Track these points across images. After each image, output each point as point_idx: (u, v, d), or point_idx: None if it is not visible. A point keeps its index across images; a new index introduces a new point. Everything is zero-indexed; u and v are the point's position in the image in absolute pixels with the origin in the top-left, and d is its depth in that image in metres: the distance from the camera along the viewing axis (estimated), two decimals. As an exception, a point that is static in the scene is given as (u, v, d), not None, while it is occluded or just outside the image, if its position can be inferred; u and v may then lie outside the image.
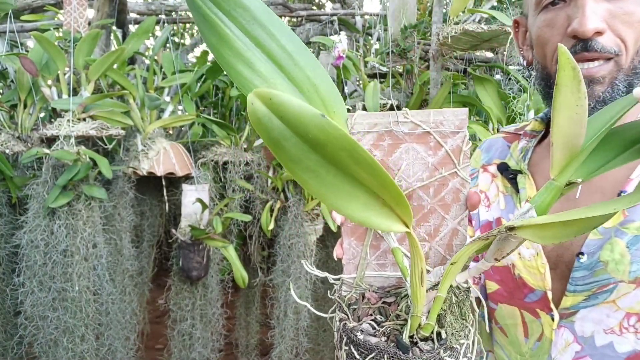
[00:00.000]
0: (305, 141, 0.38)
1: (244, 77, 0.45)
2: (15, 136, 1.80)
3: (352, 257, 0.55)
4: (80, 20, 1.98)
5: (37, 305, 1.60)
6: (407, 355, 0.47)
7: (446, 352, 0.48)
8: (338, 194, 0.41)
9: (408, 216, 0.43)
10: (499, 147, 0.85)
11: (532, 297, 0.72)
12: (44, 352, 1.63)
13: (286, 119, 0.37)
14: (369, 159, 0.39)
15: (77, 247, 1.59)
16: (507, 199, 0.78)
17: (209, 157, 2.05)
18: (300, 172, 0.40)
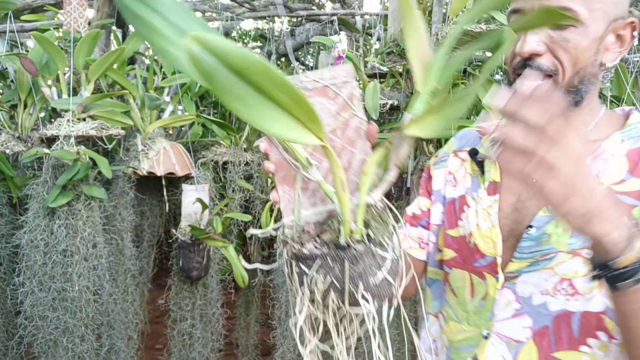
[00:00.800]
0: (231, 70, 0.46)
1: (171, 52, 0.54)
2: (15, 136, 1.80)
3: (288, 203, 0.64)
4: (80, 20, 1.98)
5: (37, 305, 1.60)
6: (346, 252, 0.56)
7: (377, 247, 0.57)
8: (264, 118, 0.49)
9: (321, 132, 0.53)
10: (472, 138, 0.97)
11: (482, 262, 0.84)
12: (43, 352, 1.63)
13: (215, 53, 0.44)
14: (282, 79, 0.47)
15: (77, 247, 1.59)
16: (474, 180, 0.91)
17: (209, 157, 2.05)
18: (232, 100, 0.47)
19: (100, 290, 1.69)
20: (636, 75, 2.08)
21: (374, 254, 0.57)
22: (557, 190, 0.56)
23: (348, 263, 0.56)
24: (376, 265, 0.57)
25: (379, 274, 0.57)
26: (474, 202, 0.88)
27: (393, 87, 2.28)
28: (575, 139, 0.56)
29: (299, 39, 3.83)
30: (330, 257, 0.57)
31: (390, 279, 0.58)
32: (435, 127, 0.57)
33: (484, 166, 0.89)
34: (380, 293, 0.57)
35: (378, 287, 0.57)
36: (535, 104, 0.55)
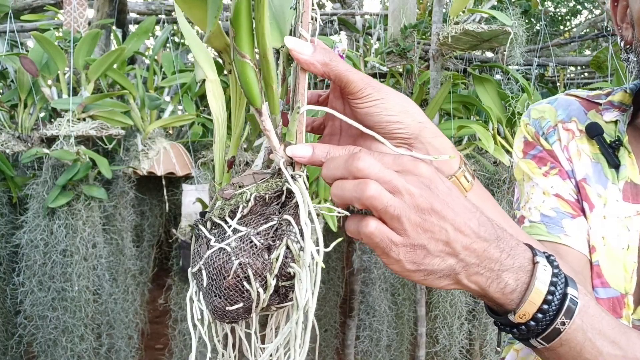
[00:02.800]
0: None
1: None
2: (15, 136, 1.80)
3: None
4: (80, 20, 1.98)
5: (36, 305, 1.61)
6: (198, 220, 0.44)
7: (205, 225, 0.43)
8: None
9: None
10: (576, 109, 0.73)
11: (601, 293, 0.61)
12: (42, 352, 1.63)
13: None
14: None
15: (77, 247, 1.59)
16: (596, 166, 0.67)
17: (209, 157, 2.05)
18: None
19: (100, 290, 1.69)
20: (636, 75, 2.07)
21: (202, 236, 0.43)
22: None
23: (194, 237, 0.45)
24: (196, 251, 0.43)
25: (197, 263, 0.42)
26: (601, 202, 0.65)
27: (393, 87, 2.29)
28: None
29: (299, 39, 3.82)
30: (195, 224, 0.46)
31: (205, 278, 0.41)
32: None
33: (616, 156, 0.65)
34: (207, 296, 0.42)
35: (198, 280, 0.42)
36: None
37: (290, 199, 0.43)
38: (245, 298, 0.40)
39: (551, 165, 0.71)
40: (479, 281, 0.42)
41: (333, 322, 2.32)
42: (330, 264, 2.27)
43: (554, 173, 0.70)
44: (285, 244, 0.41)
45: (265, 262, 0.40)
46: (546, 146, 0.72)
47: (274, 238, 0.41)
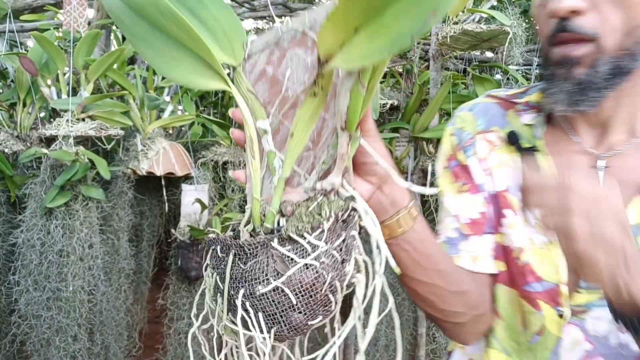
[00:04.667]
0: (133, 10, 0.44)
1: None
2: (14, 135, 1.80)
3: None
4: (80, 20, 1.98)
5: (31, 304, 1.61)
6: (235, 241, 0.43)
7: (282, 243, 0.41)
8: (167, 60, 0.45)
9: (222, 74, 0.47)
10: (495, 114, 0.76)
11: (537, 288, 0.67)
12: (35, 351, 1.63)
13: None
14: (168, 8, 0.42)
15: (73, 247, 1.59)
16: (516, 175, 0.71)
17: (209, 157, 2.05)
18: (139, 44, 0.45)
19: (95, 291, 1.69)
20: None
21: (273, 254, 0.41)
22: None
23: (232, 255, 0.43)
24: (272, 269, 0.41)
25: (271, 282, 0.40)
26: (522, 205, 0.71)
27: (393, 87, 2.28)
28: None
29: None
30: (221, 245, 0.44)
31: (292, 297, 0.40)
32: (364, 55, 0.36)
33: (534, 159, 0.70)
34: (274, 314, 0.41)
35: (266, 300, 0.41)
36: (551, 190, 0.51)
37: (349, 216, 0.45)
38: (325, 311, 0.43)
39: (463, 182, 0.75)
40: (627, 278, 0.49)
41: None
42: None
43: (465, 189, 0.75)
44: (354, 257, 0.44)
45: (342, 275, 0.42)
46: (462, 161, 0.76)
47: (346, 252, 0.43)
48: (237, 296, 0.41)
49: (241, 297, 0.41)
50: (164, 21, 0.43)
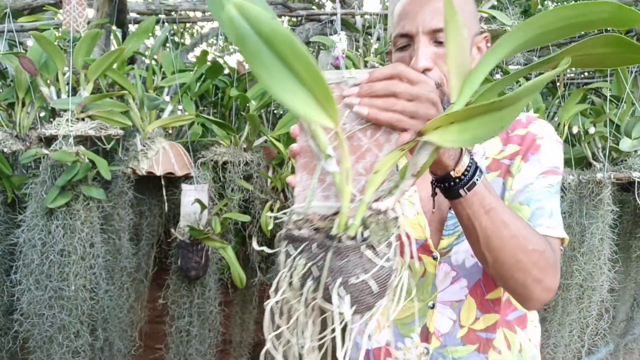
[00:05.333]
0: (261, 37, 0.50)
1: (220, 16, 0.58)
2: (13, 135, 1.79)
3: (302, 189, 0.65)
4: (79, 20, 1.98)
5: (33, 303, 1.61)
6: (332, 242, 0.56)
7: (367, 249, 0.57)
8: (284, 90, 0.53)
9: (335, 115, 0.56)
10: None
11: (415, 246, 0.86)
12: (38, 347, 1.64)
13: (249, 19, 0.49)
14: (303, 53, 0.50)
15: (75, 247, 1.59)
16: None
17: (209, 156, 2.05)
18: (258, 67, 0.51)
19: (97, 289, 1.70)
20: (636, 75, 2.07)
21: (362, 255, 0.56)
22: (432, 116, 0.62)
23: (331, 253, 0.56)
24: (361, 267, 0.56)
25: (360, 276, 0.56)
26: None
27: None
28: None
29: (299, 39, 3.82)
30: (317, 243, 0.57)
31: (374, 286, 0.56)
32: (457, 137, 0.56)
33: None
34: (358, 297, 0.56)
35: (359, 290, 0.56)
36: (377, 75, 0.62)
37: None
38: (383, 296, 0.59)
39: None
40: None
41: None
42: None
43: None
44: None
45: (394, 271, 0.60)
46: None
47: (394, 254, 0.60)
48: (334, 283, 0.55)
49: (338, 285, 0.55)
50: (293, 60, 0.51)
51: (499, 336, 0.95)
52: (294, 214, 0.63)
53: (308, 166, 0.64)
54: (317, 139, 0.61)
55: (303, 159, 0.65)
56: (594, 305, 1.96)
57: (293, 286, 0.57)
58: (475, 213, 0.74)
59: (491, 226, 0.75)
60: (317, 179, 0.63)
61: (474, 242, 0.79)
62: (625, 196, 2.08)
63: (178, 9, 3.13)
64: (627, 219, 2.12)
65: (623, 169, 1.87)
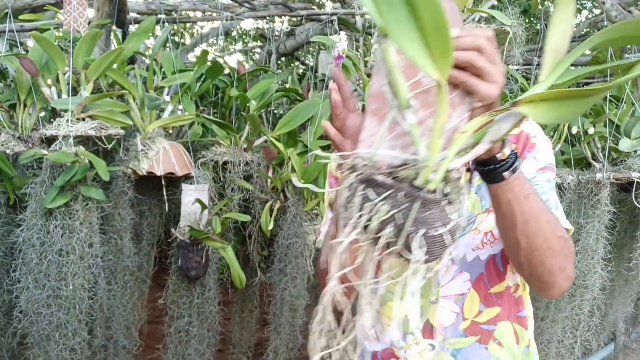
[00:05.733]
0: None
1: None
2: (15, 136, 1.80)
3: (370, 135, 0.65)
4: (80, 20, 1.98)
5: (31, 302, 1.61)
6: (419, 193, 0.58)
7: (448, 205, 0.59)
8: (402, 34, 0.54)
9: (445, 71, 0.56)
10: None
11: None
12: (36, 344, 1.65)
13: None
14: (437, 2, 0.50)
15: (73, 246, 1.59)
16: None
17: (209, 157, 2.05)
18: (382, 3, 0.52)
19: (95, 288, 1.70)
20: (636, 76, 2.07)
21: (442, 209, 0.59)
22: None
23: (418, 204, 0.57)
24: (441, 220, 0.58)
25: (439, 229, 0.58)
26: None
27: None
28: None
29: (299, 39, 3.83)
30: (403, 191, 0.58)
31: (448, 240, 0.59)
32: (547, 114, 0.59)
33: None
34: (433, 248, 0.59)
35: (434, 241, 0.58)
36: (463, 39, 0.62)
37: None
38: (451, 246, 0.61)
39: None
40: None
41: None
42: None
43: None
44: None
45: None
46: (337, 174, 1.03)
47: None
48: (416, 233, 0.57)
49: (420, 235, 0.57)
50: (421, 3, 0.51)
51: (502, 329, 0.97)
52: (358, 157, 0.63)
53: (379, 113, 0.64)
54: (397, 87, 0.61)
55: (375, 105, 0.65)
56: (586, 302, 1.97)
57: (369, 230, 0.58)
58: (516, 197, 0.76)
59: (530, 211, 0.77)
60: (386, 127, 0.63)
61: (509, 228, 0.79)
62: (623, 196, 2.09)
63: (178, 9, 3.13)
64: (624, 218, 2.12)
65: (622, 169, 1.88)
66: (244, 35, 5.73)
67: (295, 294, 2.02)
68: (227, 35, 4.98)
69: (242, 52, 4.92)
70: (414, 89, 0.62)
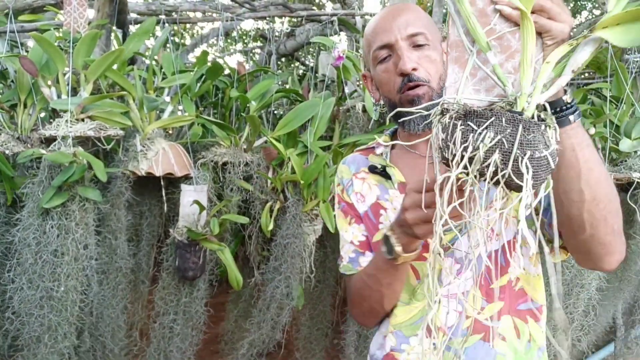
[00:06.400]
0: None
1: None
2: (15, 137, 1.80)
3: (454, 82, 0.68)
4: (80, 21, 1.98)
5: (24, 302, 1.61)
6: (521, 116, 0.60)
7: (546, 130, 0.62)
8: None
9: (529, 2, 0.61)
10: (360, 159, 1.15)
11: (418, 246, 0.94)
12: (26, 346, 1.64)
13: None
14: None
15: (68, 247, 1.59)
16: (381, 187, 1.09)
17: (209, 157, 2.05)
18: None
19: (88, 291, 1.70)
20: (635, 76, 2.08)
21: (543, 133, 0.61)
22: None
23: (522, 127, 0.59)
24: (543, 142, 0.60)
25: (544, 151, 0.60)
26: (389, 203, 1.06)
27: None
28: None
29: (299, 39, 3.83)
30: (505, 118, 0.60)
31: (551, 162, 0.61)
32: (625, 36, 0.62)
33: (387, 173, 1.07)
34: (538, 171, 0.60)
35: (539, 164, 0.60)
36: None
37: None
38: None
39: (350, 217, 1.12)
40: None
41: (326, 321, 2.33)
42: (326, 265, 2.27)
43: (353, 222, 1.11)
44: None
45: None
46: (347, 200, 1.12)
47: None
48: (524, 157, 0.59)
49: (528, 157, 0.59)
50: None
51: (505, 324, 0.97)
52: (445, 103, 0.66)
53: (460, 60, 0.68)
54: (475, 33, 0.65)
55: (455, 53, 0.68)
56: (581, 302, 1.96)
57: (475, 160, 0.60)
58: (580, 143, 0.76)
59: (592, 160, 0.77)
60: (468, 72, 0.67)
61: (573, 179, 0.78)
62: (622, 196, 2.09)
63: (178, 10, 3.13)
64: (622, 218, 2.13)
65: (623, 170, 1.87)
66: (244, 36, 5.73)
67: (285, 293, 2.02)
68: (227, 36, 4.98)
69: (242, 52, 4.92)
70: (489, 36, 0.66)
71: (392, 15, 1.01)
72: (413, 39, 0.99)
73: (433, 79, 0.99)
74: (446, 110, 0.65)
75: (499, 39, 0.66)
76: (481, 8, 0.67)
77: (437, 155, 0.68)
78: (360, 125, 2.14)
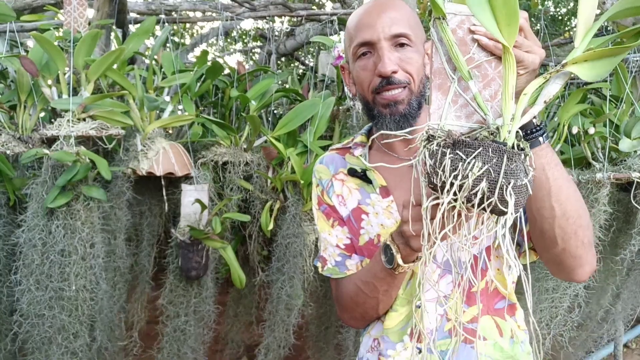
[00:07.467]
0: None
1: None
2: (15, 137, 1.80)
3: (437, 108, 0.71)
4: (80, 20, 1.98)
5: (33, 304, 1.60)
6: (505, 147, 0.64)
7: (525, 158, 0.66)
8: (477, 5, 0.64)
9: (512, 38, 0.65)
10: (337, 160, 1.13)
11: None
12: (37, 349, 1.64)
13: None
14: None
15: (75, 247, 1.59)
16: (362, 191, 1.08)
17: (209, 157, 2.05)
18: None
19: (96, 289, 1.70)
20: (635, 75, 2.08)
21: (523, 161, 0.65)
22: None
23: (506, 157, 0.63)
24: (523, 171, 0.65)
25: (524, 179, 0.64)
26: (371, 207, 1.06)
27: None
28: None
29: (299, 39, 3.83)
30: (492, 148, 0.64)
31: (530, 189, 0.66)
32: (588, 72, 0.68)
33: (367, 177, 1.06)
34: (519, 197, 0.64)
35: (520, 191, 0.64)
36: None
37: None
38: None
39: (333, 219, 1.10)
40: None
41: (334, 320, 2.33)
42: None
43: (336, 225, 1.10)
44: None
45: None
46: (328, 202, 1.11)
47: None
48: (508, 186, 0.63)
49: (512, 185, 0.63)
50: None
51: (485, 324, 1.00)
52: (430, 129, 0.70)
53: (442, 87, 0.72)
54: (458, 62, 0.69)
55: (438, 80, 0.72)
56: (567, 297, 1.96)
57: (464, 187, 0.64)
58: (549, 163, 0.81)
59: (561, 177, 0.82)
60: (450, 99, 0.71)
61: (544, 197, 0.82)
62: (622, 196, 2.09)
63: (178, 9, 3.13)
64: (620, 217, 2.12)
65: (622, 169, 1.88)
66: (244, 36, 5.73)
67: (291, 293, 2.02)
68: (227, 36, 4.98)
69: (242, 52, 4.92)
70: (468, 64, 0.70)
71: (376, 12, 0.98)
72: (396, 39, 0.97)
73: (413, 81, 0.98)
74: (432, 137, 0.68)
75: (477, 67, 0.70)
76: (461, 37, 0.71)
77: (424, 179, 0.71)
78: (360, 124, 2.15)
